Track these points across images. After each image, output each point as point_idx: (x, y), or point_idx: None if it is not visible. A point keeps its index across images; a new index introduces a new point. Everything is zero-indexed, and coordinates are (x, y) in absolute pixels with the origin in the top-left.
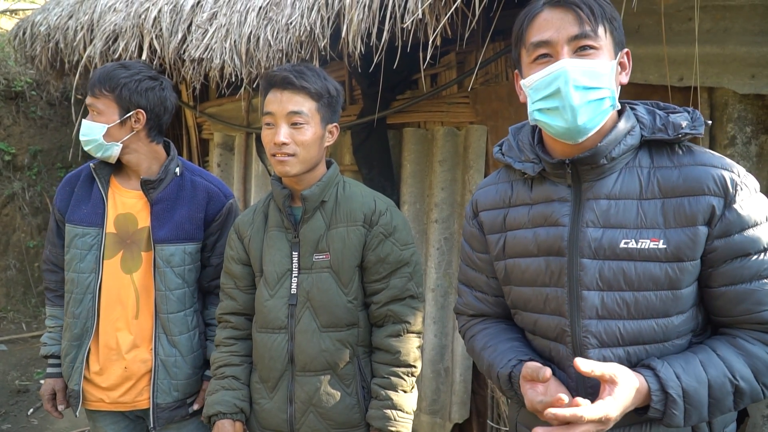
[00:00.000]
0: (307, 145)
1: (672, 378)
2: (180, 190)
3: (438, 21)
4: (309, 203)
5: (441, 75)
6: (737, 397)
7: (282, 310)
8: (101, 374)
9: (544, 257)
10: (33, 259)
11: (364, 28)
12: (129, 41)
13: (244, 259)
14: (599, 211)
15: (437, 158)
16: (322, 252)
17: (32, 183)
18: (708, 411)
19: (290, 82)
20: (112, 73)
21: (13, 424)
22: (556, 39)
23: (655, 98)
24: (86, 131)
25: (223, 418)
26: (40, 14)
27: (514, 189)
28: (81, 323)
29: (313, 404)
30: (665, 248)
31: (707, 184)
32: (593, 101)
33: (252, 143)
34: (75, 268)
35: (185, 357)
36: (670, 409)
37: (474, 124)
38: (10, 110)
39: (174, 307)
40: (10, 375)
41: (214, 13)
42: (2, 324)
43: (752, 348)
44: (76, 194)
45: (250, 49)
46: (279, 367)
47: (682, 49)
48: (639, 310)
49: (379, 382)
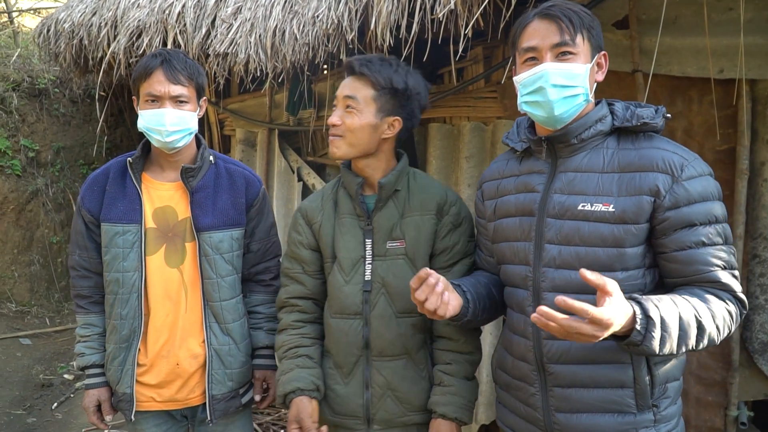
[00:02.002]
0: (354, 129)
1: (652, 306)
2: (217, 177)
3: (470, 13)
4: (385, 191)
5: (467, 69)
6: (699, 332)
7: (357, 295)
8: (151, 373)
9: (519, 217)
10: (56, 255)
11: (394, 20)
12: (153, 37)
13: (313, 245)
14: (566, 181)
15: (464, 154)
16: (397, 239)
17: (55, 179)
18: (677, 342)
19: (352, 68)
20: (186, 61)
21: (38, 418)
22: (541, 46)
23: (693, 92)
24: (178, 121)
25: (301, 395)
26: (63, 11)
27: (508, 164)
28: (128, 324)
29: (391, 388)
30: (614, 212)
31: (656, 163)
32: (568, 97)
33: (275, 139)
34: (118, 267)
35: (239, 344)
36: (650, 332)
37: (502, 118)
38: (34, 107)
39: (227, 294)
40: (34, 369)
41: (239, 8)
42: (26, 319)
43: (709, 296)
44: (108, 193)
45: (276, 43)
46: (355, 351)
47: (722, 40)
48: (588, 263)
49: (443, 368)
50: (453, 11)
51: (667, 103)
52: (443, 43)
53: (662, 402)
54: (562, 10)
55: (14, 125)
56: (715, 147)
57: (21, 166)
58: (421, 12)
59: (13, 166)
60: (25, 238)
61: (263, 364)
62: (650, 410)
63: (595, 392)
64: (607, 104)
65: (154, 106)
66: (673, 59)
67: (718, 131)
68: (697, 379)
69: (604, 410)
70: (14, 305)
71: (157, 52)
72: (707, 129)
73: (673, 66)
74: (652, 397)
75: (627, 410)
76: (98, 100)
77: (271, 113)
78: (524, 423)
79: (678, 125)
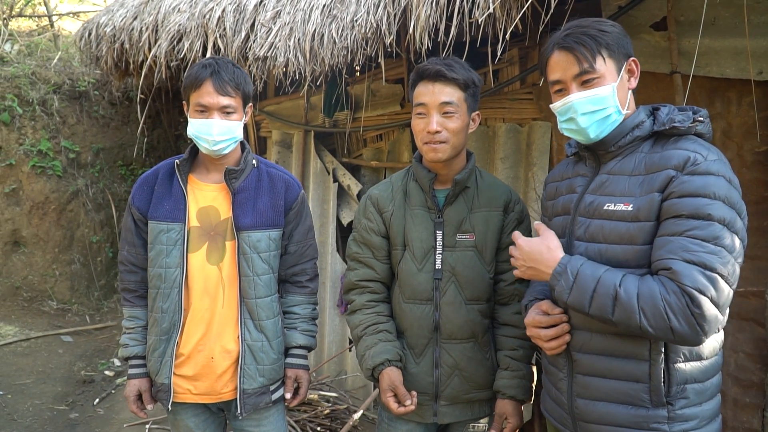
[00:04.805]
0: (457, 132)
1: (577, 261)
2: (259, 180)
3: (509, 17)
4: (458, 186)
5: (502, 71)
6: (615, 303)
7: (428, 283)
8: (188, 365)
9: (563, 216)
10: (96, 254)
11: (432, 23)
12: (194, 41)
13: (383, 232)
14: (599, 183)
15: (499, 155)
16: (466, 232)
17: (95, 180)
18: (589, 302)
19: (443, 75)
20: (235, 71)
21: (80, 414)
22: (565, 78)
23: (732, 93)
24: (225, 131)
25: (390, 365)
26: (105, 15)
27: (567, 167)
28: (169, 317)
29: (459, 368)
30: (631, 210)
31: (672, 161)
32: (600, 119)
33: (310, 141)
34: (161, 263)
35: (271, 342)
36: (560, 279)
37: (537, 120)
38: (74, 109)
39: (262, 292)
40: (75, 366)
41: (278, 12)
42: (67, 316)
43: (649, 280)
44: (156, 192)
45: (314, 47)
46: (426, 334)
47: (761, 42)
48: (608, 259)
49: (510, 354)
50: (492, 15)
51: (705, 104)
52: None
53: (678, 401)
54: (577, 38)
55: (55, 127)
56: (754, 148)
57: (62, 167)
58: (459, 15)
59: (54, 167)
60: (65, 238)
61: (295, 363)
62: (664, 407)
63: (612, 383)
64: (646, 110)
65: (203, 116)
66: (712, 60)
67: (758, 133)
68: (735, 381)
69: (620, 401)
70: (55, 303)
71: (207, 62)
72: (746, 130)
73: (711, 67)
74: (667, 396)
75: (641, 404)
76: (138, 102)
77: (307, 115)
78: (555, 406)
79: (716, 126)
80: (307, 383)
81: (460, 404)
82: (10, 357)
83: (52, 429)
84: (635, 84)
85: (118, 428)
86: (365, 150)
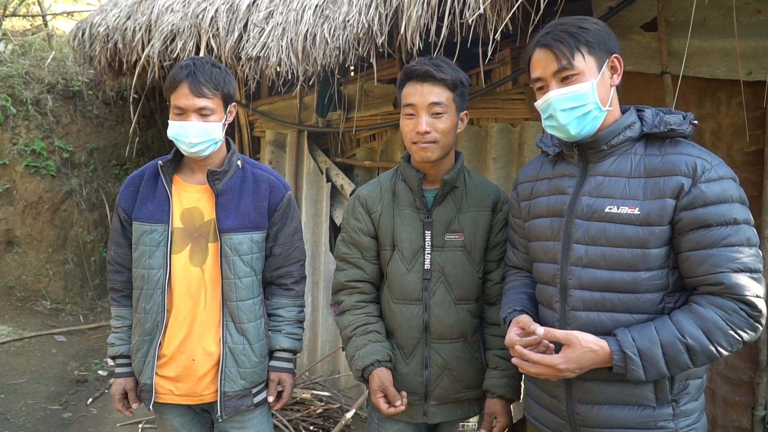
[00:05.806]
0: (446, 132)
1: (628, 340)
2: (243, 181)
3: (500, 17)
4: (447, 186)
5: (495, 71)
6: (691, 354)
7: (418, 283)
8: (170, 366)
9: (550, 218)
10: (90, 254)
11: (423, 24)
12: (186, 41)
13: (372, 232)
14: (595, 184)
15: (491, 155)
16: (455, 232)
17: (89, 180)
18: (666, 366)
19: (431, 75)
20: (213, 72)
21: (74, 413)
22: (545, 75)
23: (721, 93)
24: (203, 133)
25: (380, 366)
26: (98, 15)
27: (542, 167)
28: (152, 318)
29: (449, 368)
30: (639, 214)
31: (680, 167)
32: (580, 116)
33: (304, 140)
34: (144, 264)
35: (253, 345)
36: (629, 365)
37: (529, 120)
38: (68, 109)
39: (243, 295)
40: (69, 365)
41: (270, 12)
42: (61, 316)
43: (704, 311)
44: (141, 193)
45: (307, 47)
46: (416, 334)
47: (751, 42)
48: (613, 262)
49: (499, 353)
50: (482, 15)
51: (695, 104)
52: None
53: (682, 398)
54: (555, 36)
55: (49, 126)
56: (743, 148)
57: (55, 167)
58: (450, 16)
59: (47, 167)
60: (59, 237)
61: (279, 366)
62: (669, 405)
63: (616, 386)
64: (636, 111)
65: (180, 118)
66: (702, 61)
67: (747, 133)
68: (725, 379)
69: (624, 403)
70: (49, 303)
71: (185, 63)
72: (736, 131)
73: (701, 68)
74: (671, 393)
75: (646, 404)
76: (132, 102)
77: (301, 115)
78: (549, 413)
79: (706, 127)
80: (291, 386)
81: (450, 404)
82: (4, 357)
83: (45, 428)
84: (618, 81)
85: (111, 428)
86: (358, 150)
